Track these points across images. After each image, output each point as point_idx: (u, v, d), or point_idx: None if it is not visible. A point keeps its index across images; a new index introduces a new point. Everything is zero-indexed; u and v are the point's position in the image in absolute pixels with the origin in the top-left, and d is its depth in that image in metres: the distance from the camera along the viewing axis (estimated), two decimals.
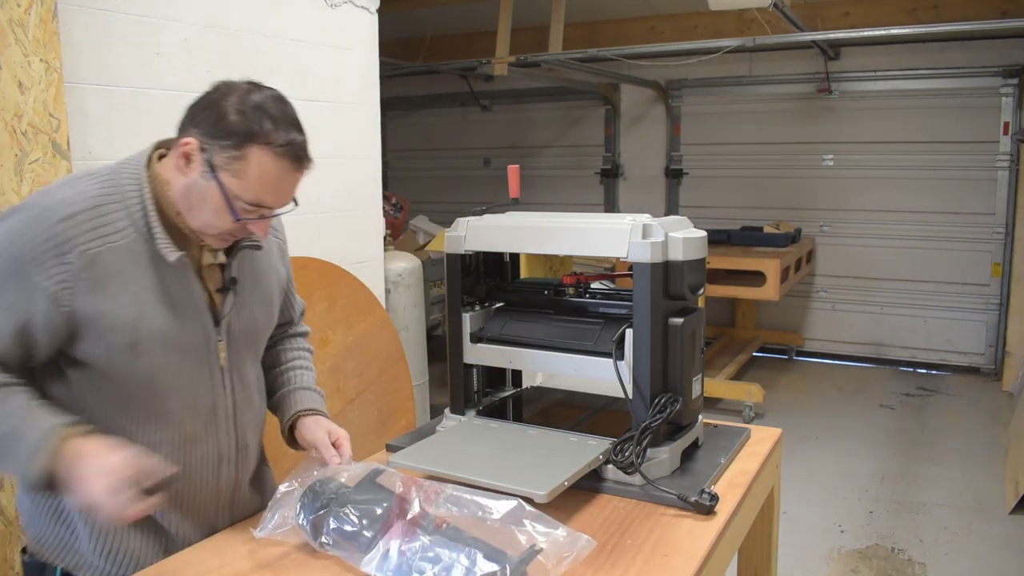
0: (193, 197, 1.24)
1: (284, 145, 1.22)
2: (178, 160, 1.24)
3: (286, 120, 1.24)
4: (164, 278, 1.27)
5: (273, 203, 1.26)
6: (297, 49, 2.79)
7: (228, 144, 1.20)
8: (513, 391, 1.90)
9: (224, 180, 1.21)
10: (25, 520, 1.35)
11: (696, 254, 1.50)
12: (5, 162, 1.92)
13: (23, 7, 1.93)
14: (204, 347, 1.33)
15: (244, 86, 1.25)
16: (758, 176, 6.16)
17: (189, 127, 1.24)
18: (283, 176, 1.24)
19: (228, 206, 1.22)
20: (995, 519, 3.37)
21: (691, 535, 1.31)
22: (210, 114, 1.22)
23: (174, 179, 1.27)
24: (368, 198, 3.20)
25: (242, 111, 1.21)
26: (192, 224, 1.27)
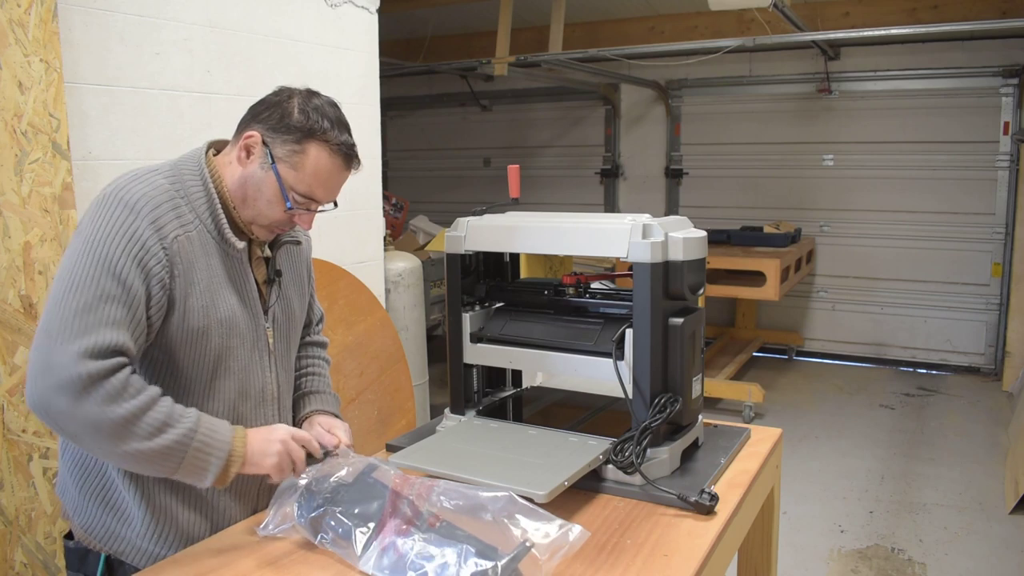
0: (249, 187, 1.35)
1: (340, 144, 1.36)
2: (240, 152, 1.35)
3: (341, 123, 1.38)
4: (228, 267, 1.37)
5: (322, 197, 1.39)
6: (297, 49, 2.79)
7: (290, 138, 1.33)
8: (513, 391, 1.90)
9: (282, 171, 1.33)
10: (71, 509, 1.40)
11: (696, 254, 1.50)
12: (5, 162, 1.92)
13: (23, 7, 1.93)
14: (256, 334, 1.43)
15: (305, 91, 1.38)
16: (758, 176, 6.16)
17: (252, 123, 1.36)
18: (335, 172, 1.38)
19: (283, 195, 1.34)
20: (995, 519, 3.37)
21: (691, 535, 1.31)
22: (274, 112, 1.34)
23: (229, 172, 1.37)
24: (368, 198, 3.20)
25: (304, 111, 1.34)
26: (244, 214, 1.38)
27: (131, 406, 1.19)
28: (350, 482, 1.30)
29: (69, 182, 2.06)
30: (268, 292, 1.47)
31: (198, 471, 1.26)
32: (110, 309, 1.21)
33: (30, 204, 1.97)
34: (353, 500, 1.26)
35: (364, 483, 1.30)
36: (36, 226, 1.99)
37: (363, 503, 1.25)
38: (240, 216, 1.38)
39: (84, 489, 1.37)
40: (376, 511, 1.23)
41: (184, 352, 1.32)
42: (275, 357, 1.47)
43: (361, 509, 1.24)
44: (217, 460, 1.26)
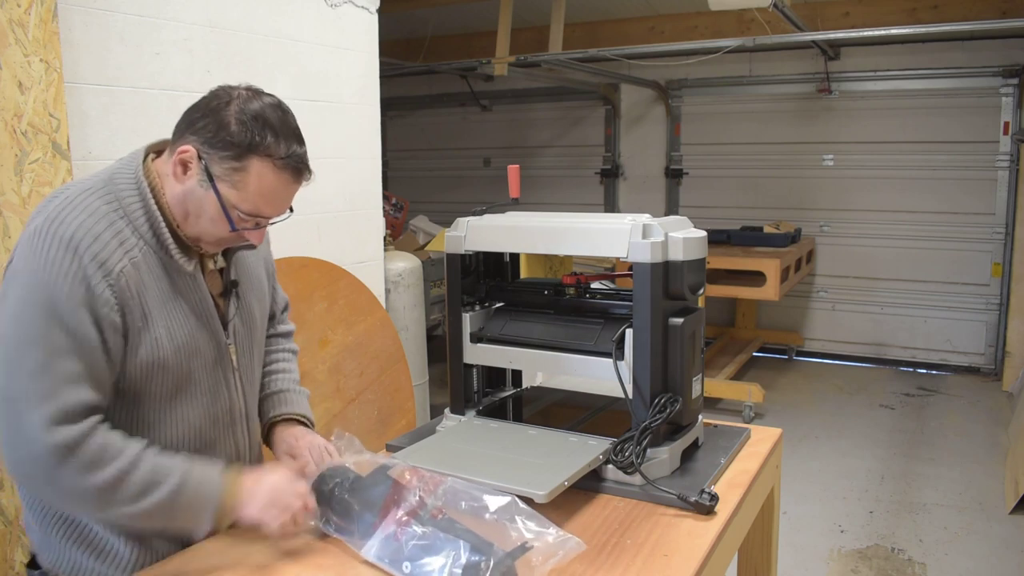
0: (189, 205, 1.23)
1: (285, 158, 1.21)
2: (175, 167, 1.22)
3: (287, 131, 1.23)
4: (178, 288, 1.27)
5: (270, 213, 1.26)
6: (297, 49, 2.79)
7: (228, 155, 1.19)
8: (513, 391, 1.90)
9: (222, 190, 1.20)
10: (37, 544, 1.33)
11: (696, 254, 1.50)
12: (5, 162, 1.92)
13: (23, 7, 1.93)
14: (218, 352, 1.34)
15: (244, 93, 1.23)
16: (758, 176, 6.16)
17: (187, 133, 1.22)
18: (282, 188, 1.23)
19: (225, 216, 1.22)
20: (995, 519, 3.37)
21: (691, 535, 1.31)
22: (210, 122, 1.20)
23: (169, 185, 1.25)
24: (368, 198, 3.20)
25: (243, 121, 1.19)
26: (188, 232, 1.27)
27: (111, 472, 1.13)
28: (363, 475, 1.31)
29: (69, 182, 2.06)
30: (226, 305, 1.36)
31: (191, 523, 1.22)
32: (67, 365, 1.12)
33: (30, 204, 1.97)
34: (360, 488, 1.27)
35: (376, 476, 1.30)
36: None
37: (368, 491, 1.26)
38: (184, 233, 1.27)
39: (46, 524, 1.29)
40: (377, 499, 1.24)
41: (142, 385, 1.23)
42: (239, 373, 1.39)
43: (365, 496, 1.25)
44: (209, 511, 1.21)
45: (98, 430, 1.14)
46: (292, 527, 1.25)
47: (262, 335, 1.49)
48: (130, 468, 1.15)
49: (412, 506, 1.22)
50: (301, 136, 1.26)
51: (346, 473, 1.30)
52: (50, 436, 1.10)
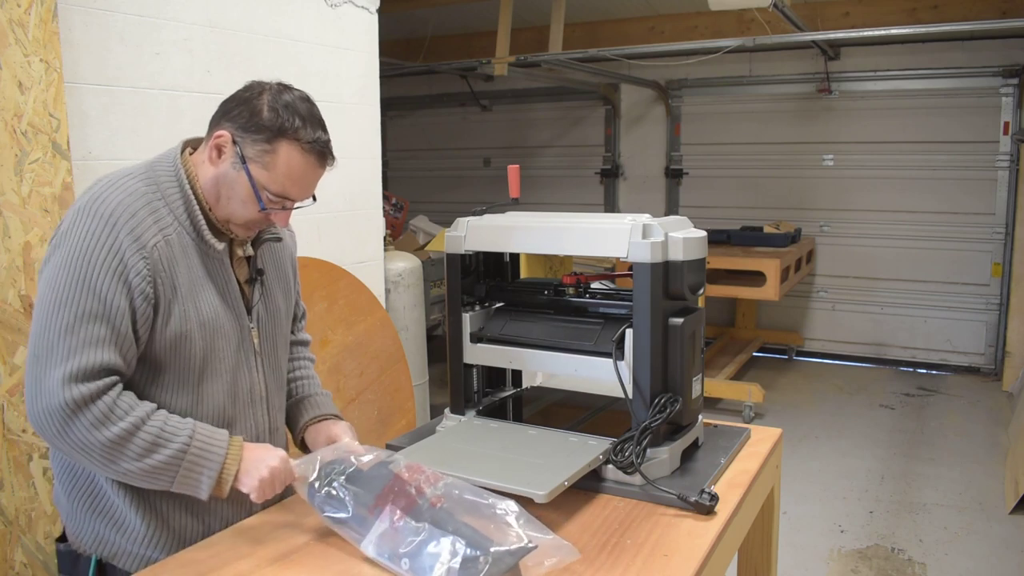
0: (222, 187, 1.33)
1: (312, 142, 1.32)
2: (211, 151, 1.33)
3: (314, 119, 1.34)
4: (209, 268, 1.36)
5: (297, 195, 1.36)
6: (297, 49, 2.79)
7: (260, 138, 1.30)
8: (513, 391, 1.90)
9: (253, 171, 1.31)
10: (63, 514, 1.41)
11: (696, 254, 1.50)
12: (5, 162, 1.92)
13: (23, 7, 1.93)
14: (241, 334, 1.41)
15: (276, 86, 1.35)
16: (758, 176, 6.16)
17: (222, 121, 1.33)
18: (308, 170, 1.34)
19: (255, 196, 1.31)
20: (995, 519, 3.37)
21: (691, 535, 1.31)
22: (244, 110, 1.31)
23: (203, 171, 1.35)
24: (368, 198, 3.19)
25: (274, 108, 1.30)
26: (219, 214, 1.36)
27: (119, 428, 1.21)
28: (364, 470, 1.31)
29: (69, 182, 2.06)
30: (251, 291, 1.45)
31: (192, 485, 1.27)
32: (93, 328, 1.21)
33: (30, 204, 1.97)
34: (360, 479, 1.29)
35: (376, 468, 1.31)
36: (36, 226, 1.99)
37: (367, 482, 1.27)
38: (215, 215, 1.37)
39: (73, 496, 1.37)
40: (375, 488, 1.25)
41: (169, 357, 1.31)
42: (261, 357, 1.46)
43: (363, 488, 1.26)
44: (209, 475, 1.27)
45: (112, 389, 1.22)
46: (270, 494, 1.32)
47: (286, 328, 1.56)
48: (136, 427, 1.22)
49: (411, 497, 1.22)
50: (326, 126, 1.37)
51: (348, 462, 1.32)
52: (67, 392, 1.18)
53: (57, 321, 1.20)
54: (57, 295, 1.21)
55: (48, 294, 1.22)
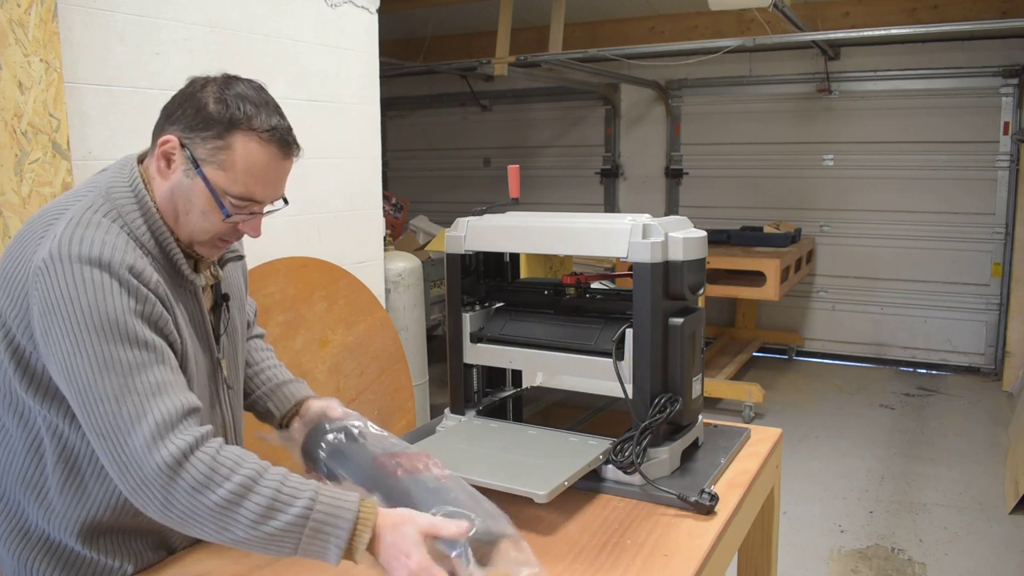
0: (178, 200, 1.17)
1: (269, 130, 1.16)
2: (158, 162, 1.17)
3: (267, 106, 1.18)
4: (185, 302, 1.23)
5: (263, 196, 1.20)
6: (297, 49, 2.79)
7: (210, 135, 1.14)
8: (513, 391, 1.90)
9: (209, 174, 1.15)
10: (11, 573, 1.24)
11: (696, 254, 1.50)
12: (5, 162, 1.92)
13: (23, 7, 1.93)
14: (211, 367, 1.30)
15: (221, 77, 1.20)
16: (758, 176, 6.16)
17: (165, 126, 1.18)
18: (271, 164, 1.18)
19: (217, 203, 1.15)
20: (995, 519, 3.37)
21: (691, 535, 1.31)
22: (187, 107, 1.16)
23: (156, 187, 1.19)
24: (368, 198, 3.20)
25: (222, 100, 1.15)
26: (181, 232, 1.20)
27: (226, 490, 1.03)
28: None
29: (69, 182, 2.06)
30: (216, 320, 1.32)
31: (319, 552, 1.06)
32: (144, 378, 1.06)
33: (30, 204, 1.97)
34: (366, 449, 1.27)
35: (385, 442, 1.30)
36: None
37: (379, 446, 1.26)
38: (178, 235, 1.20)
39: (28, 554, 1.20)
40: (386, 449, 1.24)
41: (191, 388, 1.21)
42: (226, 387, 1.35)
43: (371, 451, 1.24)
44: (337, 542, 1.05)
45: (208, 441, 1.07)
46: None
47: (243, 347, 1.46)
48: (249, 487, 1.04)
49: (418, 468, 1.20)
50: (283, 112, 1.21)
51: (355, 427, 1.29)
52: (154, 457, 1.02)
53: (106, 390, 1.04)
54: (90, 362, 1.04)
55: (79, 365, 1.05)
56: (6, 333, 1.14)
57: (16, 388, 1.15)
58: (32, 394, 1.14)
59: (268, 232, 1.57)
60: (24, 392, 1.14)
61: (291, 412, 1.45)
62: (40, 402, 1.14)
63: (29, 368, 1.13)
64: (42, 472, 1.17)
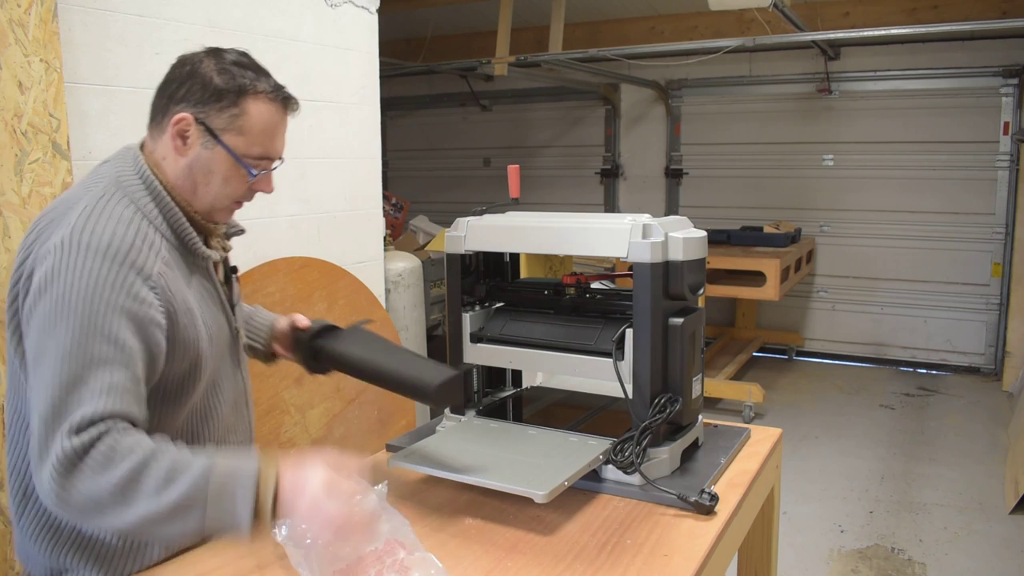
0: (197, 173, 1.23)
1: (273, 90, 1.26)
2: (174, 141, 1.22)
3: (262, 69, 1.28)
4: (199, 279, 1.28)
5: (276, 152, 1.29)
6: (297, 49, 2.79)
7: (224, 104, 1.21)
8: (513, 391, 1.90)
9: (229, 141, 1.22)
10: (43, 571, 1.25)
11: (696, 254, 1.50)
12: (5, 162, 1.92)
13: (23, 7, 1.93)
14: (231, 338, 1.37)
15: (208, 51, 1.25)
16: (758, 176, 6.17)
17: (171, 106, 1.22)
18: (280, 120, 1.28)
19: (242, 166, 1.24)
20: (995, 519, 3.37)
21: (691, 535, 1.31)
22: (192, 85, 1.21)
23: (169, 167, 1.24)
24: (368, 198, 3.19)
25: (224, 70, 1.21)
26: (199, 204, 1.26)
27: (126, 466, 1.04)
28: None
29: (69, 182, 2.06)
30: (228, 291, 1.38)
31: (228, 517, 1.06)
32: (106, 376, 1.07)
33: (30, 204, 1.97)
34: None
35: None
36: None
37: None
38: (195, 208, 1.26)
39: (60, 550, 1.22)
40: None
41: (182, 382, 1.23)
42: (243, 356, 1.43)
43: None
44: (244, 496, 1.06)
45: (111, 431, 1.06)
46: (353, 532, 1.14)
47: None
48: (146, 462, 1.05)
49: None
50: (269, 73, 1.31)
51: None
52: (65, 443, 1.03)
53: (63, 375, 1.05)
54: (60, 346, 1.06)
55: (48, 346, 1.07)
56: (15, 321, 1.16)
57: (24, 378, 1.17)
58: None
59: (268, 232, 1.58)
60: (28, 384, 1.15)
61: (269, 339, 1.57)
62: None
63: None
64: None
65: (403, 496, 1.47)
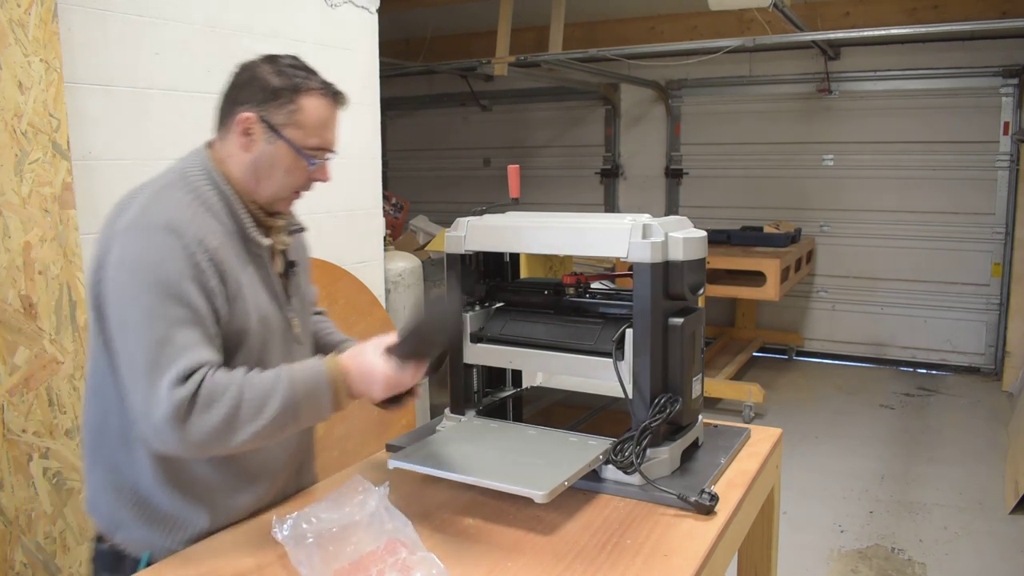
0: (261, 168, 1.36)
1: (324, 86, 1.39)
2: (240, 139, 1.35)
3: (311, 70, 1.41)
4: (255, 265, 1.39)
5: (331, 142, 1.41)
6: (297, 49, 2.77)
7: (283, 101, 1.34)
8: (513, 391, 1.90)
9: (289, 135, 1.34)
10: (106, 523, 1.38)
11: (696, 254, 1.50)
12: (5, 162, 1.92)
13: (23, 7, 1.94)
14: (285, 323, 1.45)
15: (264, 57, 1.39)
16: (758, 176, 6.17)
17: (235, 108, 1.35)
18: (332, 113, 1.40)
19: (302, 156, 1.36)
20: (995, 519, 3.37)
21: (691, 535, 1.31)
22: (253, 88, 1.34)
23: (234, 163, 1.37)
24: (368, 198, 3.20)
25: (280, 72, 1.35)
26: (263, 195, 1.38)
27: (227, 402, 1.22)
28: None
29: (69, 182, 2.06)
30: (286, 283, 1.49)
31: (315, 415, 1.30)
32: (185, 334, 1.22)
33: (30, 204, 1.98)
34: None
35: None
36: (36, 226, 1.99)
37: None
38: (258, 199, 1.39)
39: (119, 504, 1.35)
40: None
41: (231, 354, 1.33)
42: (300, 345, 1.51)
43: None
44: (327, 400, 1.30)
45: (206, 377, 1.22)
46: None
47: (312, 313, 1.64)
48: (240, 394, 1.23)
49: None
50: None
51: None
52: (173, 397, 1.19)
53: (151, 337, 1.21)
54: (142, 312, 1.21)
55: (131, 313, 1.22)
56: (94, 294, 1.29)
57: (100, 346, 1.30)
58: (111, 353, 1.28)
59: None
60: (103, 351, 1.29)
61: None
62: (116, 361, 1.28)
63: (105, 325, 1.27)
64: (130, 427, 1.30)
65: (403, 496, 1.47)
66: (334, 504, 1.26)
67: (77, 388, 2.09)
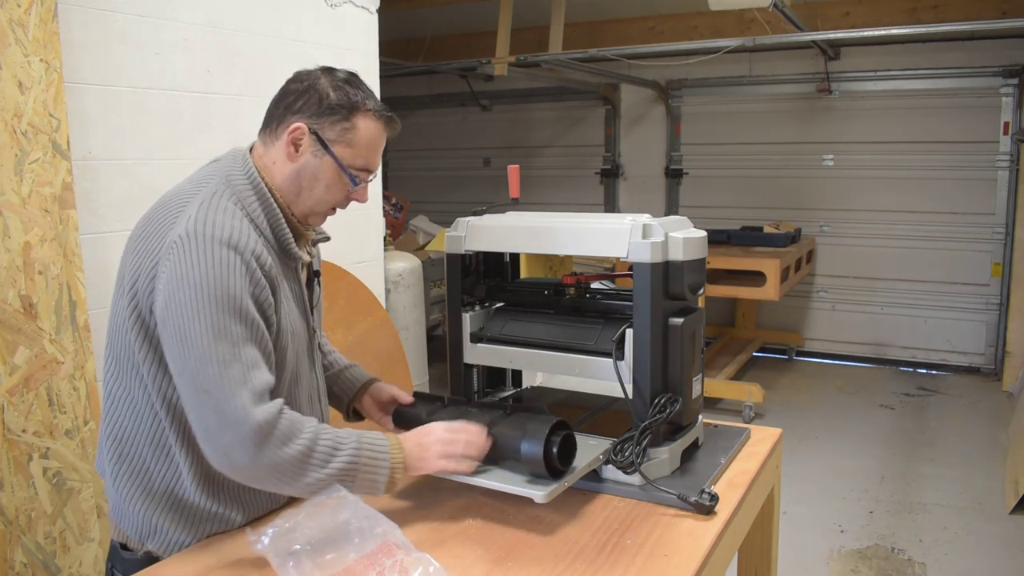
0: (303, 179, 1.35)
1: (380, 109, 1.37)
2: (288, 148, 1.34)
3: (369, 90, 1.39)
4: (289, 278, 1.38)
5: (375, 165, 1.40)
6: (297, 49, 2.79)
7: (337, 118, 1.32)
8: (513, 391, 1.90)
9: (338, 152, 1.33)
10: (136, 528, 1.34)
11: (696, 254, 1.50)
12: (5, 162, 1.92)
13: (23, 7, 1.93)
14: (310, 335, 1.45)
15: (323, 69, 1.37)
16: (758, 176, 6.17)
17: (288, 116, 1.34)
18: (382, 137, 1.39)
19: (346, 175, 1.35)
20: (995, 519, 3.37)
21: (691, 535, 1.31)
22: (310, 98, 1.33)
23: (278, 171, 1.35)
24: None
25: (339, 87, 1.34)
26: (300, 208, 1.37)
27: (303, 441, 1.22)
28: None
29: (69, 182, 2.06)
30: (310, 294, 1.48)
31: (368, 485, 1.28)
32: (248, 351, 1.22)
33: (30, 204, 1.98)
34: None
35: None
36: (36, 226, 1.99)
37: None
38: (295, 211, 1.37)
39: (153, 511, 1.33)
40: None
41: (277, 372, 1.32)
42: (317, 355, 1.51)
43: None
44: (383, 471, 1.29)
45: (286, 409, 1.24)
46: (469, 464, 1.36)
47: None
48: (316, 437, 1.24)
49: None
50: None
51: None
52: (256, 416, 1.18)
53: (217, 352, 1.19)
54: (207, 327, 1.20)
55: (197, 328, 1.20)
56: (135, 303, 1.27)
57: (137, 355, 1.28)
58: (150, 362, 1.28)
59: None
60: (143, 361, 1.28)
61: (358, 394, 1.64)
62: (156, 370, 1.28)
63: (149, 335, 1.27)
64: (164, 433, 1.30)
65: (403, 496, 1.47)
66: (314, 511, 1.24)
67: (77, 388, 2.09)
